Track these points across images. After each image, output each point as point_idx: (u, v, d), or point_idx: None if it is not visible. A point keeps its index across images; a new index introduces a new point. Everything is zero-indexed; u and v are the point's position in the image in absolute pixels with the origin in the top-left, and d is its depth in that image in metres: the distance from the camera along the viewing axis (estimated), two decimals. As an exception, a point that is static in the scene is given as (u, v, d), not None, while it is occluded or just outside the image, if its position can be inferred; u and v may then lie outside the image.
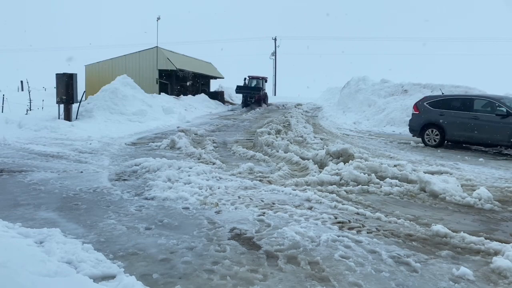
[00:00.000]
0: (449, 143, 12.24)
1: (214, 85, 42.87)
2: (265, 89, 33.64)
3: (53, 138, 11.58)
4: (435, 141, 12.05)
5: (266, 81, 34.15)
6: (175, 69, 30.67)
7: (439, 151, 11.27)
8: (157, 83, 29.18)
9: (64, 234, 4.07)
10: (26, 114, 16.71)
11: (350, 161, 7.65)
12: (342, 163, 7.57)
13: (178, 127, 14.92)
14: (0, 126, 12.58)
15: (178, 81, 33.16)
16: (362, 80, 24.93)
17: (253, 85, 31.78)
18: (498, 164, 9.37)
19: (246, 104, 30.25)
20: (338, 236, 4.30)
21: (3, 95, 19.63)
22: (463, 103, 11.84)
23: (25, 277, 2.50)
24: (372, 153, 9.88)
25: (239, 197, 5.81)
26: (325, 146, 9.81)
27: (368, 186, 6.50)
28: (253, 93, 30.35)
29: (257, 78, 32.48)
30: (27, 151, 9.46)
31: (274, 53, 49.67)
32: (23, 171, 7.30)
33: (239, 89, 30.65)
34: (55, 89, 15.35)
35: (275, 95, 52.09)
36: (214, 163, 8.30)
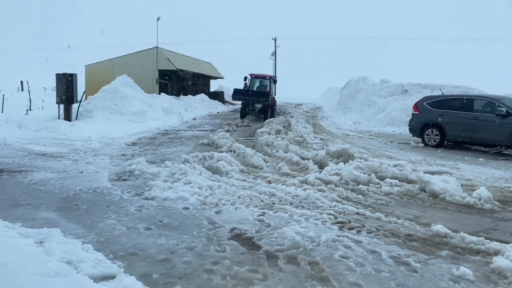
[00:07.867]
0: (449, 143, 12.23)
1: (214, 85, 42.98)
2: (274, 95, 23.48)
3: (53, 138, 11.58)
4: (435, 141, 12.05)
5: (275, 82, 24.47)
6: (175, 69, 30.69)
7: (439, 151, 11.26)
8: (157, 83, 29.08)
9: (64, 234, 4.07)
10: (26, 114, 16.70)
11: (350, 161, 7.65)
12: (342, 163, 7.57)
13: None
14: (0, 126, 12.57)
15: (178, 81, 33.17)
16: (362, 80, 24.92)
17: (256, 87, 22.29)
18: (498, 164, 9.37)
19: (244, 113, 20.95)
20: (338, 236, 4.30)
21: (3, 95, 19.61)
22: (463, 103, 11.82)
23: (25, 277, 2.50)
24: (372, 153, 9.87)
25: (239, 197, 5.81)
26: (325, 146, 9.81)
27: (368, 186, 6.49)
28: (258, 99, 20.46)
29: (263, 77, 22.81)
30: (27, 151, 9.46)
31: (274, 53, 49.59)
32: (23, 171, 7.30)
33: (238, 94, 20.67)
34: (55, 89, 15.35)
35: (274, 95, 52.05)
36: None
